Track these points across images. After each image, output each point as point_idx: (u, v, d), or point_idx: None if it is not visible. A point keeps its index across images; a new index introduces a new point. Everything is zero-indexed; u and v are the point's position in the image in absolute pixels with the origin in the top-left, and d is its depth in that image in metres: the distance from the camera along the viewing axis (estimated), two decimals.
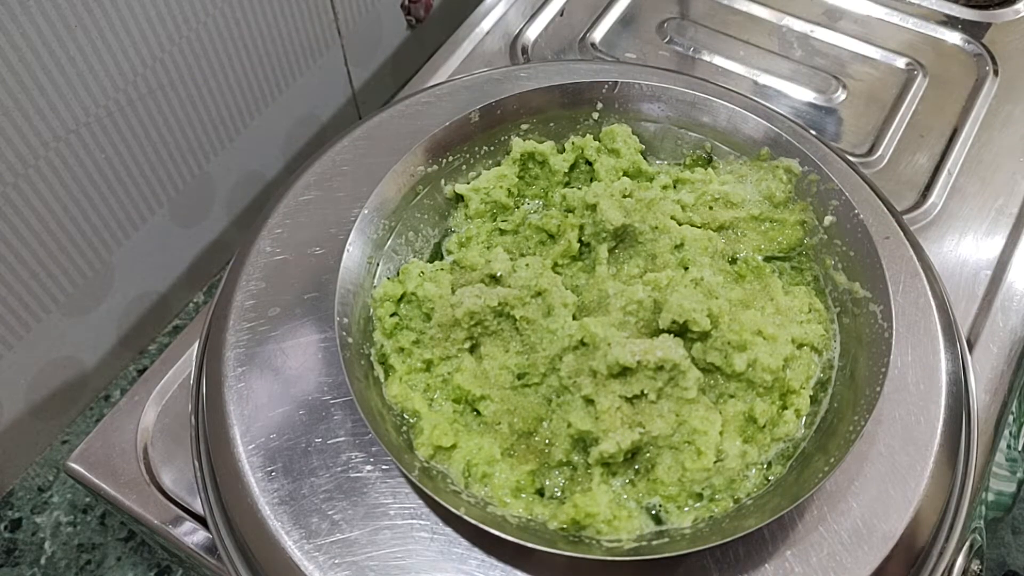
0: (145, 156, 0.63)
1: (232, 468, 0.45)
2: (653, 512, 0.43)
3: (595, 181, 0.55)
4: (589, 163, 0.56)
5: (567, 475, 0.45)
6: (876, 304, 0.48)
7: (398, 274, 0.51)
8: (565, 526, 0.43)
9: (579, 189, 0.54)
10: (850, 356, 0.48)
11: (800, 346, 0.48)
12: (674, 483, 0.44)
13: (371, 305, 0.50)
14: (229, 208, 0.74)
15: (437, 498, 0.41)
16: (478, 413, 0.47)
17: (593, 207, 0.52)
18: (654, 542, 0.42)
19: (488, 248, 0.53)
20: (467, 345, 0.49)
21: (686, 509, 0.43)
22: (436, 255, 0.54)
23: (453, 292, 0.49)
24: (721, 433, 0.45)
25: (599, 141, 0.56)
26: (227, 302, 0.51)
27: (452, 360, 0.49)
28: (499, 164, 0.56)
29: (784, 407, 0.47)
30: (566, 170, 0.55)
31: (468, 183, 0.55)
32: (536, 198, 0.56)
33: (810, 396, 0.47)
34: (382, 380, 0.48)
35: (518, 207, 0.55)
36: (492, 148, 0.55)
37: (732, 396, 0.47)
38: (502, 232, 0.54)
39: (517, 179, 0.55)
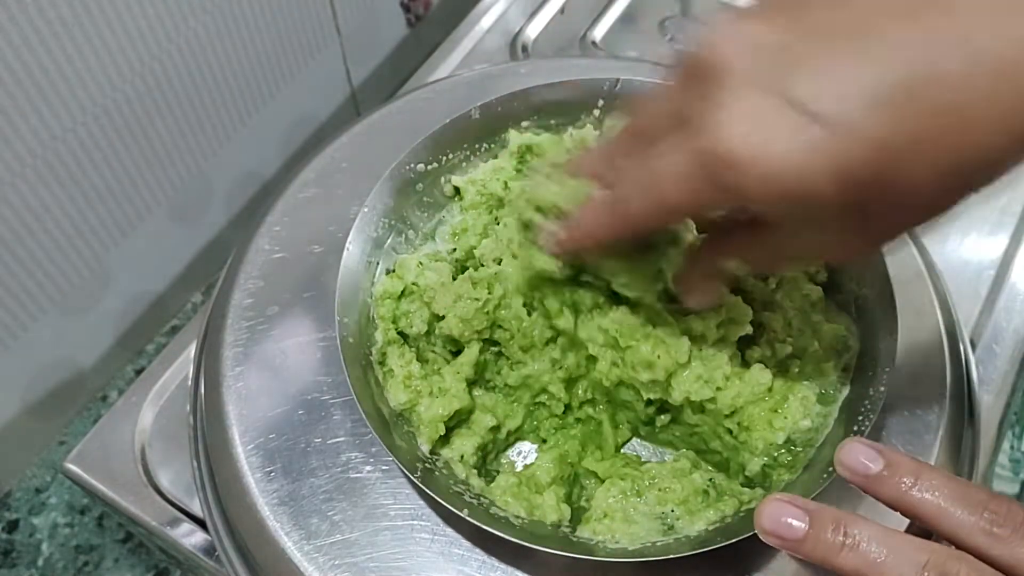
0: (142, 155, 0.63)
1: (231, 468, 0.45)
2: (667, 521, 0.43)
3: None
4: None
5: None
6: (879, 303, 0.47)
7: (394, 269, 0.51)
8: (566, 525, 0.43)
9: None
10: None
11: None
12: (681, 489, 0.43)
13: (371, 304, 0.49)
14: (227, 207, 0.74)
15: (439, 499, 0.41)
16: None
17: None
18: (657, 543, 0.41)
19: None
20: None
21: (696, 513, 0.43)
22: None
23: (454, 280, 0.49)
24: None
25: (600, 133, 0.55)
26: (225, 301, 0.51)
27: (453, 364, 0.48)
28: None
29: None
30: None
31: None
32: None
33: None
34: (381, 380, 0.47)
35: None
36: (492, 145, 0.55)
37: None
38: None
39: (515, 172, 0.54)
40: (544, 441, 0.48)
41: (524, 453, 0.49)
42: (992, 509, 0.33)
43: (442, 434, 0.45)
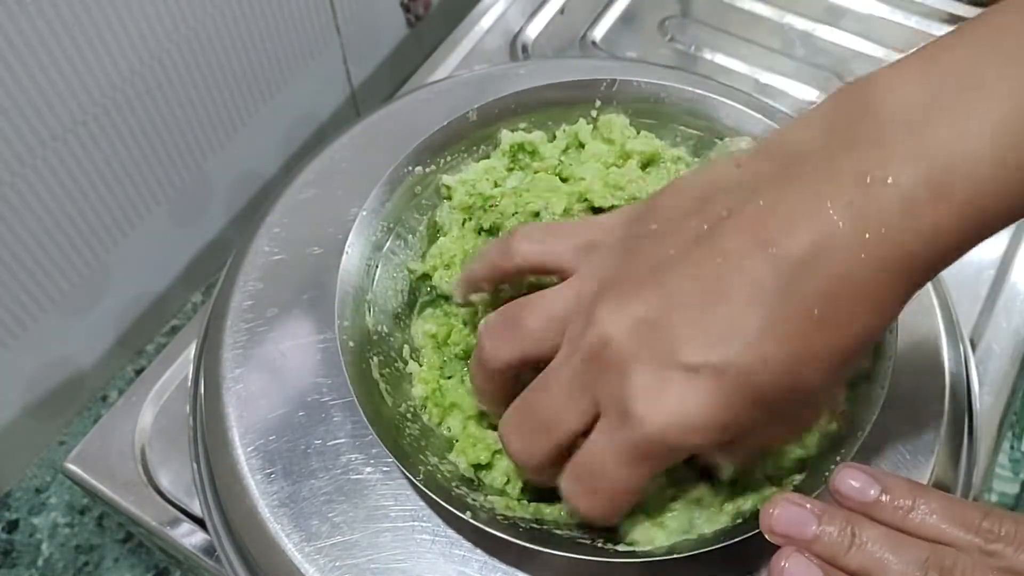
0: (142, 155, 0.63)
1: (231, 470, 0.45)
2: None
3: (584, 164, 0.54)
4: (582, 144, 0.55)
5: None
6: None
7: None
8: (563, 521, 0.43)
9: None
10: None
11: None
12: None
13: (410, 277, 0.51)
14: (227, 207, 0.74)
15: (442, 502, 0.41)
16: None
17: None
18: (661, 543, 0.41)
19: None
20: None
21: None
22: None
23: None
24: None
25: (596, 128, 0.55)
26: (225, 302, 0.51)
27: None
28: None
29: None
30: (558, 156, 0.54)
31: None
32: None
33: None
34: (407, 373, 0.48)
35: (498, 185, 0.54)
36: (490, 147, 0.55)
37: None
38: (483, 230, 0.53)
39: (507, 172, 0.54)
40: None
41: None
42: (986, 528, 0.34)
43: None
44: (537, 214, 0.49)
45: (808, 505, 0.35)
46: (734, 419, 0.35)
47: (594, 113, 0.55)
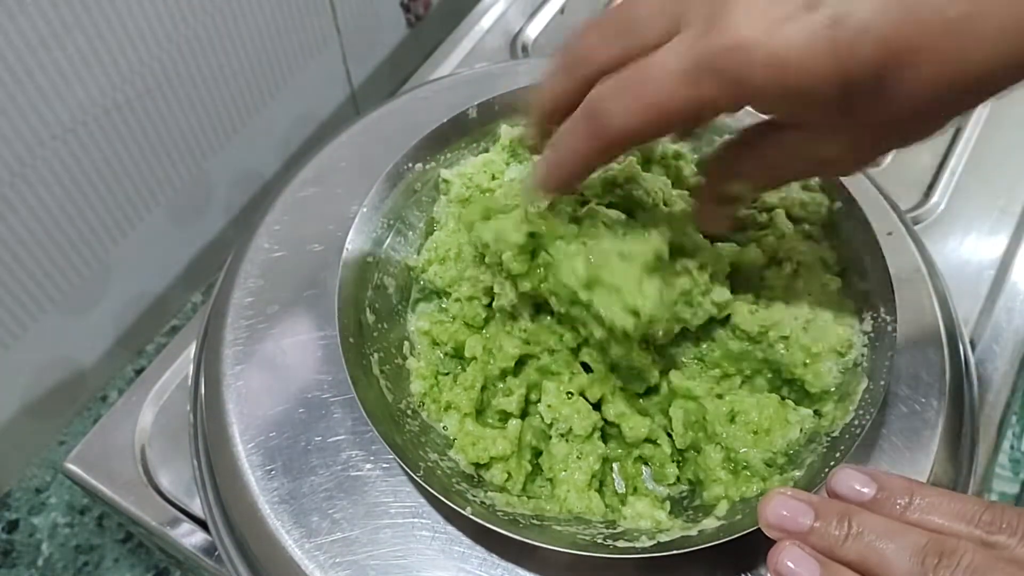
0: (142, 155, 0.63)
1: (231, 467, 0.45)
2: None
3: None
4: None
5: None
6: (879, 299, 0.47)
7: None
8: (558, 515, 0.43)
9: None
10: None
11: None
12: None
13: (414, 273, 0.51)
14: (227, 207, 0.74)
15: (443, 498, 0.41)
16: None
17: None
18: (661, 540, 0.41)
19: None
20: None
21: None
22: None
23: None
24: None
25: None
26: (225, 299, 0.51)
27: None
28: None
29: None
30: None
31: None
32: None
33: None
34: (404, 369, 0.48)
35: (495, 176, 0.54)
36: (490, 143, 0.55)
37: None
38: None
39: (505, 165, 0.54)
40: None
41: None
42: (987, 520, 0.34)
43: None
44: None
45: (804, 498, 0.35)
46: (811, 77, 0.32)
47: None
